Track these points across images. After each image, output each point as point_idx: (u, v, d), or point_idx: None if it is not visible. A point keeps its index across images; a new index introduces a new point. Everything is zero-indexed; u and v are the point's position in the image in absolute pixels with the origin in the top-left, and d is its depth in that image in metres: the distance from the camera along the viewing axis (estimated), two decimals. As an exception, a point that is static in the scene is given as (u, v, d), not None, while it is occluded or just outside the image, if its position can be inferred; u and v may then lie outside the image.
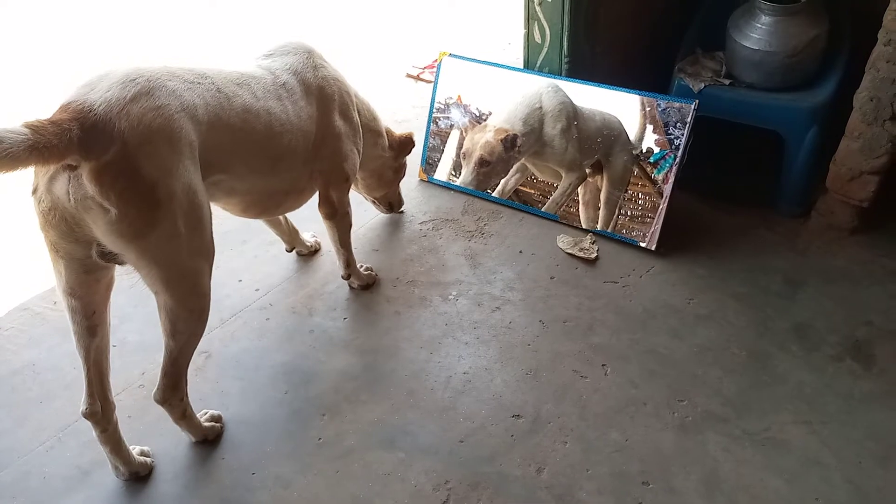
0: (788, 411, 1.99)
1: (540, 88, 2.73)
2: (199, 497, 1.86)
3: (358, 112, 2.31)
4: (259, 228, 2.58)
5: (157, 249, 1.60)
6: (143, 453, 1.94)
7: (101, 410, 1.79)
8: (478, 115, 2.88)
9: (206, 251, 1.74)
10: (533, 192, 2.83)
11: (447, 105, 2.96)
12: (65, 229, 1.56)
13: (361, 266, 2.51)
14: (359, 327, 2.34)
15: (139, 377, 2.16)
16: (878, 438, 1.91)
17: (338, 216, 2.31)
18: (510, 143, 2.75)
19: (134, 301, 2.35)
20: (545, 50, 2.73)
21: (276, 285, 2.52)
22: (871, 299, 2.33)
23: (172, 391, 1.84)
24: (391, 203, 2.78)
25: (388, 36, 4.65)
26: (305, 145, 2.05)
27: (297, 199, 2.22)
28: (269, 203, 2.12)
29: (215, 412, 2.03)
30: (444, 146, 3.00)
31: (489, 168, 2.81)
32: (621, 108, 2.63)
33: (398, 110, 3.52)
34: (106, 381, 1.82)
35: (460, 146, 2.95)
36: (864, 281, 2.41)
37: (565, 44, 2.67)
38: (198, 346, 1.85)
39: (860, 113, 2.36)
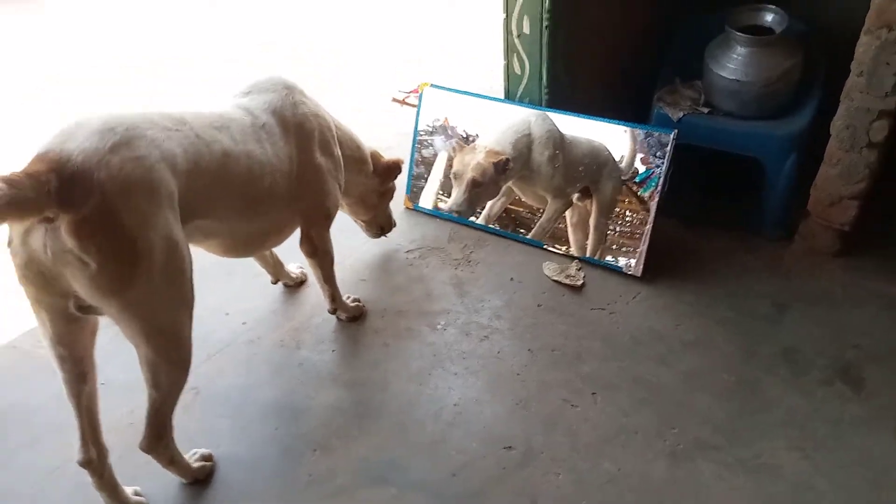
0: (779, 437, 2.00)
1: (528, 116, 2.75)
2: (190, 538, 1.83)
3: (340, 143, 2.30)
4: (245, 261, 2.56)
5: (137, 303, 1.57)
6: (135, 493, 1.90)
7: (96, 458, 1.76)
8: (464, 137, 2.91)
9: (186, 301, 1.71)
10: (521, 209, 2.85)
11: (431, 132, 2.99)
12: (43, 283, 1.52)
13: (348, 297, 2.50)
14: (347, 360, 2.33)
15: (127, 415, 2.12)
16: (868, 463, 1.92)
17: (319, 253, 2.30)
18: (502, 167, 2.75)
19: (118, 339, 2.30)
20: (525, 81, 2.77)
21: (263, 318, 2.50)
22: (856, 322, 2.36)
23: (157, 440, 1.80)
24: (381, 226, 2.75)
25: (375, 59, 4.68)
26: (286, 186, 2.03)
27: (279, 237, 2.21)
28: (250, 243, 2.12)
29: (205, 451, 2.00)
30: (428, 174, 3.01)
31: (480, 189, 2.80)
32: (605, 136, 2.65)
33: (383, 137, 3.52)
34: (98, 425, 1.79)
35: (448, 169, 2.96)
36: (849, 304, 2.44)
37: (544, 75, 2.70)
38: (186, 383, 1.83)
39: (837, 140, 2.41)
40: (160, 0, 5.43)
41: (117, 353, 2.31)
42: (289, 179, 2.03)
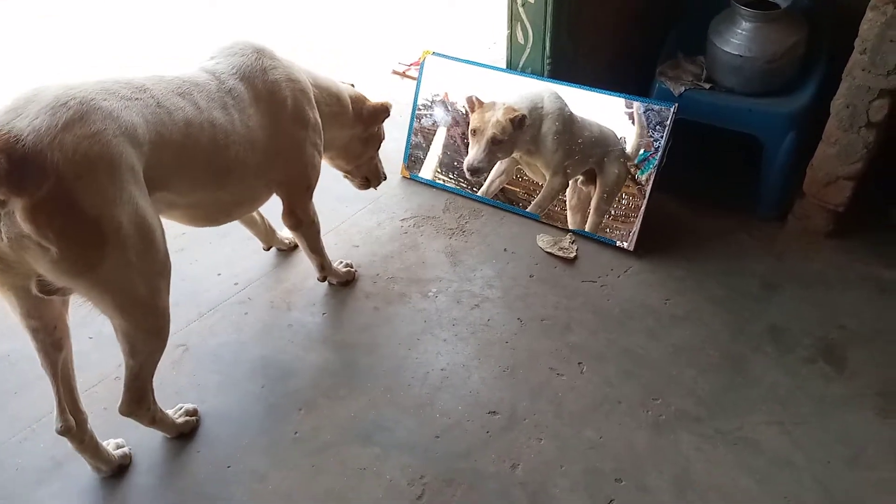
0: (761, 412, 2.02)
1: (542, 91, 2.73)
2: (174, 490, 1.86)
3: (318, 102, 2.16)
4: (238, 223, 2.57)
5: (107, 280, 1.51)
6: (118, 446, 1.93)
7: (74, 425, 1.76)
8: (464, 113, 2.89)
9: (160, 270, 1.65)
10: (518, 190, 2.85)
11: (431, 103, 2.97)
12: (3, 267, 1.47)
13: (340, 262, 2.51)
14: (337, 323, 2.34)
15: (115, 369, 2.14)
16: (847, 441, 1.94)
17: (304, 226, 2.23)
18: (519, 123, 2.70)
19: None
20: (528, 51, 2.75)
21: (255, 280, 2.51)
22: (845, 303, 2.37)
23: (138, 404, 1.79)
24: (366, 177, 2.59)
25: (375, 32, 4.65)
26: (256, 156, 1.91)
27: (250, 207, 2.14)
28: (217, 214, 2.00)
29: (190, 406, 2.02)
30: (427, 144, 3.00)
31: (499, 146, 2.75)
32: (611, 112, 2.64)
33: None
34: (75, 392, 1.79)
35: (447, 144, 2.95)
36: (839, 285, 2.44)
37: (548, 45, 2.68)
38: (175, 340, 1.84)
39: (837, 119, 2.39)
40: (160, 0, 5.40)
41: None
42: (259, 149, 1.91)
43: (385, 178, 2.67)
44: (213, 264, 2.56)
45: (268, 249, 2.62)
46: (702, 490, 1.83)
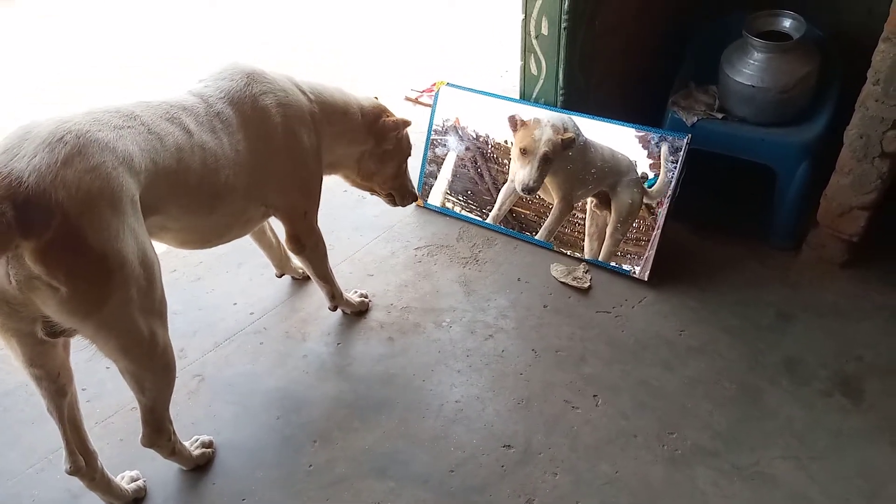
0: (778, 446, 2.00)
1: (564, 117, 2.73)
2: (189, 523, 1.86)
3: (322, 123, 2.11)
4: (254, 252, 2.59)
5: (113, 320, 1.49)
6: (132, 479, 1.93)
7: (84, 465, 1.76)
8: (475, 137, 2.91)
9: (160, 307, 1.64)
10: (528, 212, 2.86)
11: (444, 130, 3.00)
12: (9, 311, 1.44)
13: (355, 292, 2.51)
14: (352, 353, 2.35)
15: (131, 399, 2.13)
16: (866, 475, 1.92)
17: (307, 250, 2.20)
18: (568, 144, 2.70)
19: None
20: (541, 82, 2.77)
21: (271, 309, 2.53)
22: (861, 334, 2.35)
23: (158, 435, 1.80)
24: (392, 195, 2.48)
25: (387, 58, 4.70)
26: (246, 180, 1.87)
27: (243, 230, 2.08)
28: (209, 236, 1.96)
29: (206, 438, 2.03)
30: (439, 172, 3.02)
31: (549, 164, 2.74)
32: (624, 141, 2.66)
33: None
34: (83, 432, 1.78)
35: (456, 169, 2.97)
36: (855, 315, 2.43)
37: (561, 76, 2.70)
38: (192, 370, 1.85)
39: (850, 150, 2.39)
40: (160, 0, 5.46)
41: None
42: (249, 173, 1.88)
43: (415, 198, 2.55)
44: (230, 293, 2.58)
45: (280, 276, 2.63)
46: (719, 526, 1.81)
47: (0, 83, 4.44)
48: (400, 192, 2.48)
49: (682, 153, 2.51)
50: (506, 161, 2.88)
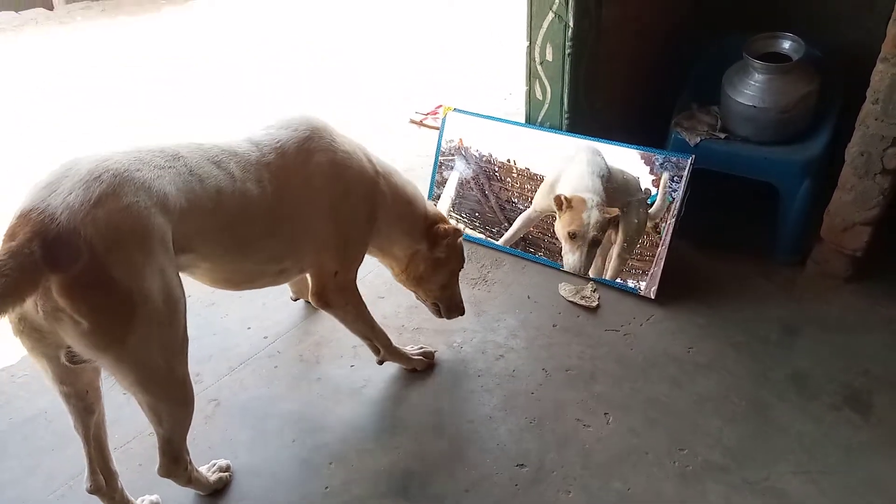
0: (788, 461, 2.02)
1: (592, 154, 2.71)
2: (208, 546, 1.89)
3: (383, 196, 2.09)
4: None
5: (133, 354, 1.52)
6: (153, 503, 1.97)
7: (105, 484, 1.80)
8: (478, 157, 2.96)
9: (182, 344, 1.67)
10: (533, 230, 2.91)
11: (451, 154, 3.05)
12: (38, 337, 1.50)
13: (416, 347, 2.41)
14: (365, 375, 2.38)
15: (148, 425, 2.19)
16: (877, 489, 1.94)
17: (333, 309, 2.13)
18: (615, 221, 2.72)
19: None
20: (546, 106, 2.83)
21: (285, 333, 2.56)
22: (867, 348, 2.38)
23: (175, 465, 1.83)
24: (436, 305, 2.38)
25: (392, 81, 4.76)
26: (287, 232, 1.88)
27: (277, 279, 2.03)
28: (239, 280, 1.96)
29: (223, 462, 2.06)
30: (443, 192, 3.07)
31: (597, 247, 2.73)
32: (627, 159, 2.71)
33: (403, 158, 3.60)
34: (106, 452, 1.82)
35: (461, 188, 3.01)
36: (860, 329, 2.46)
37: (565, 101, 2.76)
38: (207, 395, 1.88)
39: (852, 167, 2.44)
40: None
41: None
42: (289, 227, 1.88)
43: (462, 313, 2.41)
44: (244, 318, 2.62)
45: (295, 300, 2.66)
46: (732, 541, 1.84)
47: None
48: (447, 304, 2.38)
49: (686, 173, 2.56)
50: (508, 179, 2.92)
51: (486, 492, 1.98)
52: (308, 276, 2.10)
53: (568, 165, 2.77)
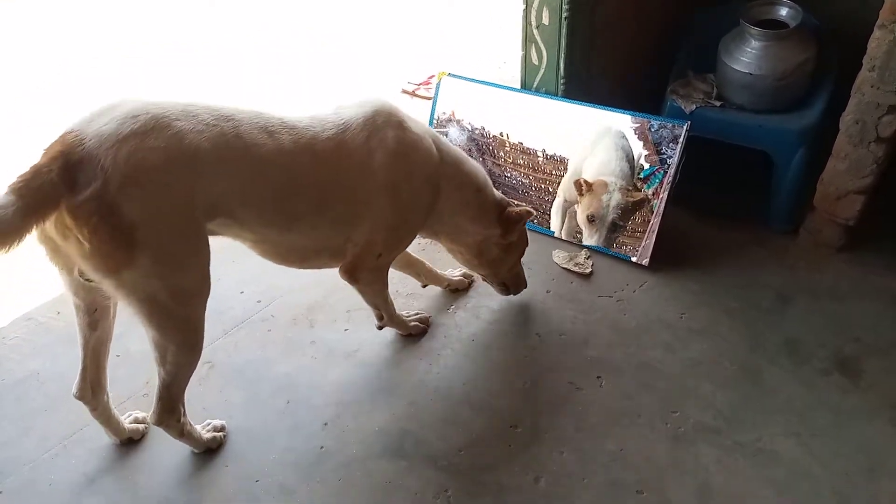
0: (779, 424, 2.05)
1: (617, 138, 2.65)
2: (204, 505, 1.90)
3: (440, 180, 2.07)
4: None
5: (132, 286, 1.57)
6: (136, 420, 2.05)
7: (90, 393, 1.89)
8: (470, 129, 2.94)
9: (194, 290, 1.70)
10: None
11: (446, 121, 3.03)
12: (53, 248, 1.59)
13: (412, 314, 2.42)
14: (359, 339, 2.39)
15: (143, 386, 2.19)
16: (865, 451, 1.97)
17: (359, 284, 2.11)
18: (640, 204, 2.63)
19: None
20: (542, 71, 2.81)
21: (278, 297, 2.56)
22: (858, 315, 2.40)
23: (168, 414, 1.85)
24: (505, 284, 2.43)
25: (384, 50, 4.71)
26: (337, 209, 1.88)
27: (332, 259, 2.04)
28: (288, 254, 1.97)
29: (218, 422, 2.07)
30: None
31: (617, 231, 2.69)
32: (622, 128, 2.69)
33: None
34: (101, 367, 1.89)
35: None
36: (852, 297, 2.48)
37: (562, 66, 2.74)
38: (202, 357, 1.87)
39: (846, 135, 2.44)
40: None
41: (134, 325, 2.39)
42: (341, 205, 1.89)
43: (526, 286, 2.49)
44: (237, 282, 2.61)
45: (425, 286, 2.57)
46: (722, 501, 1.86)
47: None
48: (514, 282, 2.45)
49: (681, 140, 2.55)
50: (501, 153, 2.90)
51: (479, 452, 2.00)
52: (349, 251, 2.04)
53: (592, 151, 2.72)
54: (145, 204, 1.50)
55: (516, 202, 2.33)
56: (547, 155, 2.83)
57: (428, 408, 2.13)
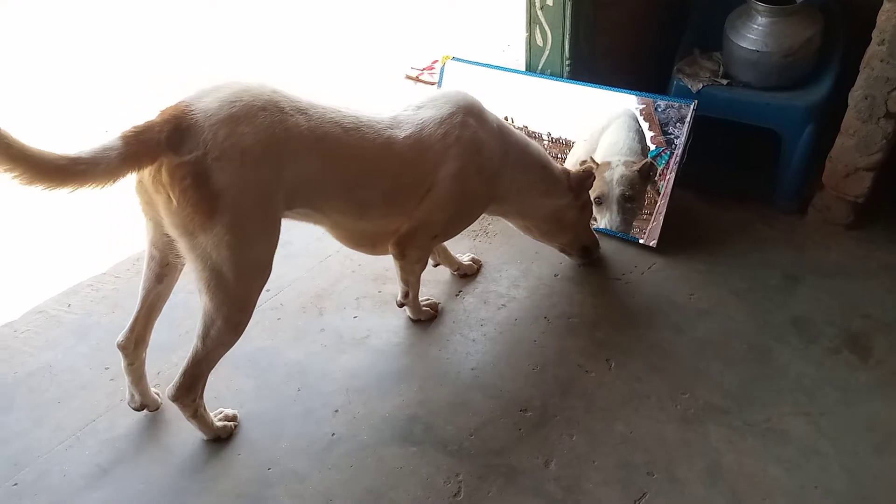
0: (788, 402, 2.05)
1: (627, 117, 2.66)
2: (216, 493, 1.91)
3: (514, 169, 2.21)
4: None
5: (203, 250, 1.68)
6: (157, 394, 2.12)
7: (133, 345, 1.98)
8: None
9: (256, 268, 1.80)
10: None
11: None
12: (146, 199, 1.74)
13: (424, 299, 2.44)
14: (368, 326, 2.39)
15: (155, 377, 2.20)
16: (874, 428, 1.97)
17: (405, 260, 2.19)
18: (648, 171, 2.63)
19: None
20: (547, 53, 2.78)
21: (287, 286, 2.57)
22: (867, 293, 2.39)
23: (187, 391, 1.89)
24: (585, 247, 2.53)
25: (387, 36, 4.70)
26: (407, 199, 2.03)
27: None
28: (360, 241, 2.14)
29: (230, 411, 2.08)
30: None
31: (632, 203, 2.67)
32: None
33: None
34: (150, 324, 2.00)
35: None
36: (860, 275, 2.47)
37: (566, 47, 2.72)
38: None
39: (855, 111, 2.42)
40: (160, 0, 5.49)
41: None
42: (412, 195, 2.03)
43: (599, 245, 2.61)
44: (244, 271, 2.61)
45: (436, 266, 2.60)
46: (732, 480, 1.86)
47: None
48: (592, 241, 2.56)
49: (688, 119, 2.53)
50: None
51: (490, 436, 2.00)
52: (405, 225, 2.12)
53: (602, 135, 2.71)
54: (232, 178, 1.64)
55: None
56: (553, 138, 2.82)
57: (437, 393, 2.14)
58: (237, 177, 1.64)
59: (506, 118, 2.86)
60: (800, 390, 2.08)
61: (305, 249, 2.71)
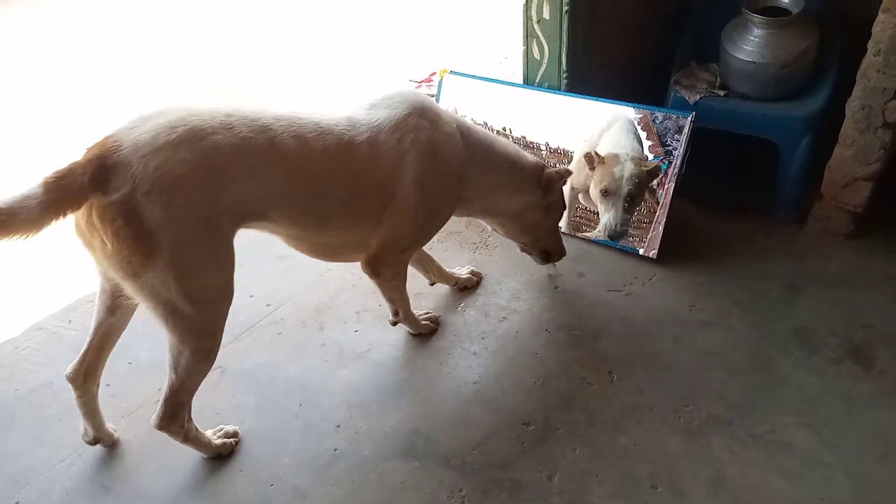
0: (791, 413, 2.04)
1: (626, 117, 2.65)
2: (219, 509, 1.90)
3: (480, 170, 2.14)
4: (266, 244, 2.59)
5: (150, 290, 1.61)
6: (113, 430, 2.07)
7: (82, 378, 1.92)
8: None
9: (213, 298, 1.73)
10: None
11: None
12: (86, 241, 1.65)
13: (419, 312, 2.41)
14: (369, 340, 2.39)
15: (156, 393, 2.18)
16: (878, 437, 1.96)
17: (380, 279, 2.15)
18: (655, 173, 2.60)
19: (145, 319, 2.39)
20: (544, 66, 2.80)
21: (286, 300, 2.57)
22: (868, 303, 2.39)
23: (171, 420, 1.85)
24: (546, 251, 2.46)
25: (385, 49, 4.72)
26: (368, 207, 1.94)
27: (362, 253, 2.09)
28: (325, 252, 2.07)
29: (230, 428, 2.07)
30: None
31: (635, 204, 2.65)
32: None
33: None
34: (102, 357, 1.94)
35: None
36: (861, 285, 2.47)
37: (564, 60, 2.73)
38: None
39: (852, 121, 2.42)
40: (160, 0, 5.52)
41: (145, 333, 2.40)
42: (373, 204, 1.94)
43: (565, 254, 2.51)
44: (245, 287, 2.59)
45: (432, 284, 2.58)
46: (736, 492, 1.85)
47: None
48: (556, 247, 2.47)
49: (686, 131, 2.54)
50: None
51: (492, 450, 2.00)
52: (374, 244, 2.06)
53: (602, 136, 2.71)
54: (166, 211, 1.54)
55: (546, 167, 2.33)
56: (550, 148, 2.82)
57: (439, 407, 2.13)
58: (170, 209, 1.54)
59: (504, 129, 2.87)
60: (803, 400, 2.08)
61: (304, 263, 2.68)
